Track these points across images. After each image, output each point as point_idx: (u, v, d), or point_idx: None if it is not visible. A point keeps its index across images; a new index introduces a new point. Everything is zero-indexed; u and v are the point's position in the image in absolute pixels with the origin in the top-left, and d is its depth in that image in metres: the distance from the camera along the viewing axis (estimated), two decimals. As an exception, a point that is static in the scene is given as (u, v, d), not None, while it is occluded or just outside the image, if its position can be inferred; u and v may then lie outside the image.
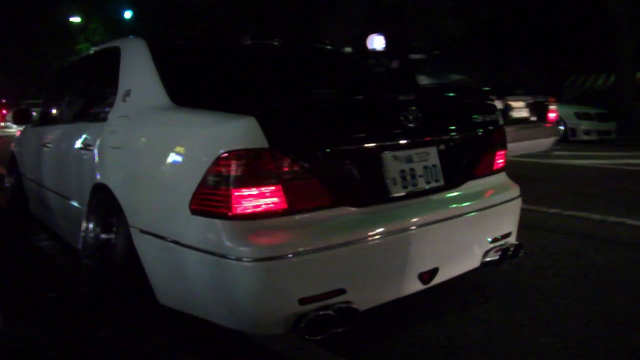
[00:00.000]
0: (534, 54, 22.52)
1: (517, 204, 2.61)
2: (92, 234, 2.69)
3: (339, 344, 2.20)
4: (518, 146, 5.61)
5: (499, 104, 5.34)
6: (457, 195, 2.38)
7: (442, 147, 2.34)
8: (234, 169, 1.80)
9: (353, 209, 2.02)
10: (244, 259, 1.77)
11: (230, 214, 1.82)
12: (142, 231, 2.20)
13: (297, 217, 1.90)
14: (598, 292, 2.80)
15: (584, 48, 21.61)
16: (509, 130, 3.84)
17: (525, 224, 2.70)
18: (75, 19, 30.47)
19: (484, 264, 2.44)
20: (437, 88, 6.37)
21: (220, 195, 1.83)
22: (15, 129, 9.55)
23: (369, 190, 2.09)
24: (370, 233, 1.98)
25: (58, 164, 3.43)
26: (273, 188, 1.85)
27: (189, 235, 1.92)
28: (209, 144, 1.90)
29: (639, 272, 3.14)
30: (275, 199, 1.85)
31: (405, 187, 2.18)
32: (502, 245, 2.47)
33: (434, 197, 2.28)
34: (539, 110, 6.15)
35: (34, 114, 4.45)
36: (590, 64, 21.98)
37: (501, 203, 2.49)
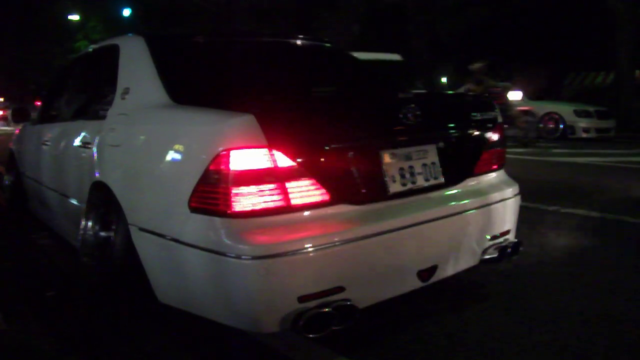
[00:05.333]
0: (533, 52, 22.51)
1: (516, 201, 2.61)
2: (91, 232, 2.69)
3: (338, 342, 2.21)
4: None
5: None
6: (456, 192, 2.38)
7: (441, 144, 2.34)
8: (232, 167, 1.80)
9: (352, 206, 2.02)
10: (243, 257, 1.77)
11: (229, 211, 1.82)
12: (141, 229, 2.20)
13: (296, 214, 1.90)
14: (597, 289, 2.80)
15: (583, 45, 21.60)
16: None
17: (524, 222, 2.70)
18: (74, 17, 30.43)
19: (483, 262, 2.44)
20: None
21: (219, 193, 1.83)
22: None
23: (367, 188, 2.09)
24: (369, 231, 1.98)
25: (57, 162, 3.43)
26: (272, 186, 1.85)
27: (188, 233, 1.93)
28: (208, 141, 1.90)
29: (638, 269, 3.15)
30: (274, 197, 1.85)
31: (404, 184, 2.18)
32: (501, 242, 2.47)
33: (433, 194, 2.28)
34: None
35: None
36: (589, 61, 21.97)
37: (500, 201, 2.49)
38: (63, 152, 3.29)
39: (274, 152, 1.84)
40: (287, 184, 1.87)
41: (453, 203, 2.31)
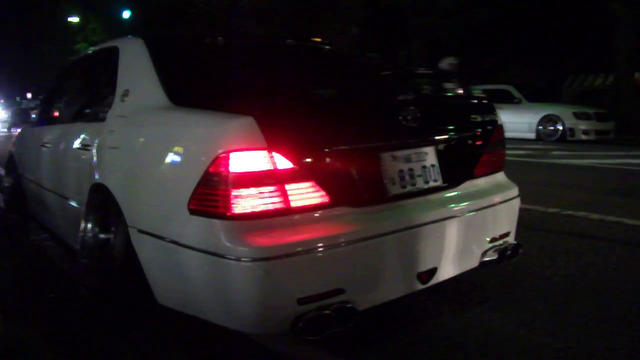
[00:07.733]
0: (533, 54, 22.54)
1: (516, 203, 2.61)
2: (90, 234, 2.69)
3: (337, 344, 2.20)
4: None
5: None
6: (456, 195, 2.38)
7: (441, 146, 2.34)
8: (232, 169, 1.81)
9: (351, 209, 2.02)
10: (243, 259, 1.77)
11: (228, 214, 1.82)
12: (140, 231, 2.20)
13: (296, 217, 1.90)
14: (596, 291, 2.80)
15: (582, 47, 21.63)
16: None
17: (523, 224, 2.70)
18: (74, 19, 30.47)
19: (483, 264, 2.44)
20: None
21: (219, 195, 1.83)
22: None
23: (367, 190, 2.09)
24: (369, 233, 1.98)
25: (57, 164, 3.43)
26: (271, 188, 1.85)
27: (187, 235, 1.93)
28: (208, 144, 1.90)
29: (638, 271, 3.15)
30: (273, 199, 1.85)
31: (403, 186, 2.18)
32: (500, 244, 2.47)
33: (433, 196, 2.28)
34: None
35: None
36: (589, 63, 22.00)
37: (500, 203, 2.49)
38: (62, 154, 3.29)
39: (274, 154, 1.84)
40: (287, 186, 1.87)
41: (452, 205, 2.31)
